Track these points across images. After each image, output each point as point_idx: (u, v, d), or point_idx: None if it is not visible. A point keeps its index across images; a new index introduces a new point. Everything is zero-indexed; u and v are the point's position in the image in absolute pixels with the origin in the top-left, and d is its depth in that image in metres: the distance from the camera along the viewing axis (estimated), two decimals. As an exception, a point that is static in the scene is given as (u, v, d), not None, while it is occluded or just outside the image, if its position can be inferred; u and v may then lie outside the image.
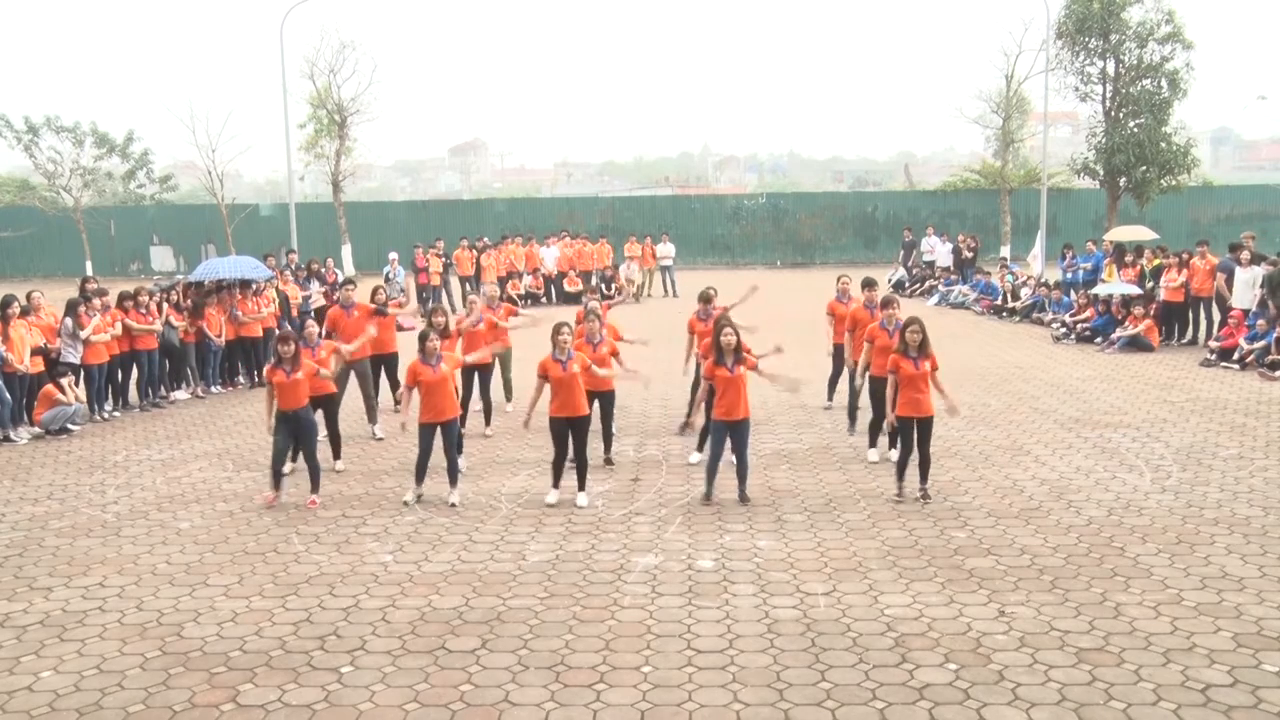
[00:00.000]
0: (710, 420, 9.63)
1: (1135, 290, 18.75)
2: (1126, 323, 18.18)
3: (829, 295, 13.38)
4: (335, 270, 21.74)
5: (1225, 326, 16.98)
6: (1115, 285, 19.40)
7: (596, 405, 10.41)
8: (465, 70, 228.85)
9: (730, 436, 9.40)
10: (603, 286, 24.55)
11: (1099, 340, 18.50)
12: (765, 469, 10.58)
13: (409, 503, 9.63)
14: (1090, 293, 19.83)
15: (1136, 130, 31.47)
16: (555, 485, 9.62)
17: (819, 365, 13.93)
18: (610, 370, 10.57)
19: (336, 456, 11.16)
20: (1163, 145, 31.28)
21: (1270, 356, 15.34)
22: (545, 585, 7.58)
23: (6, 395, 12.65)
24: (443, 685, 6.09)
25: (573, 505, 9.47)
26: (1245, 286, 16.99)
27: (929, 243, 29.11)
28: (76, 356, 13.56)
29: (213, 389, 15.82)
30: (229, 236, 34.43)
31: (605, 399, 10.83)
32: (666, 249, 29.29)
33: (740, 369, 9.30)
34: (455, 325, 12.16)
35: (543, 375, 9.52)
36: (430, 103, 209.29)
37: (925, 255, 28.88)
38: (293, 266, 21.42)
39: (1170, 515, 8.91)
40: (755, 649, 6.46)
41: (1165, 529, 8.56)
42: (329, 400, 11.05)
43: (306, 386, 9.75)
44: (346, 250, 36.32)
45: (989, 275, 24.96)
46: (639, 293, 28.33)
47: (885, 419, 9.92)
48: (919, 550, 8.16)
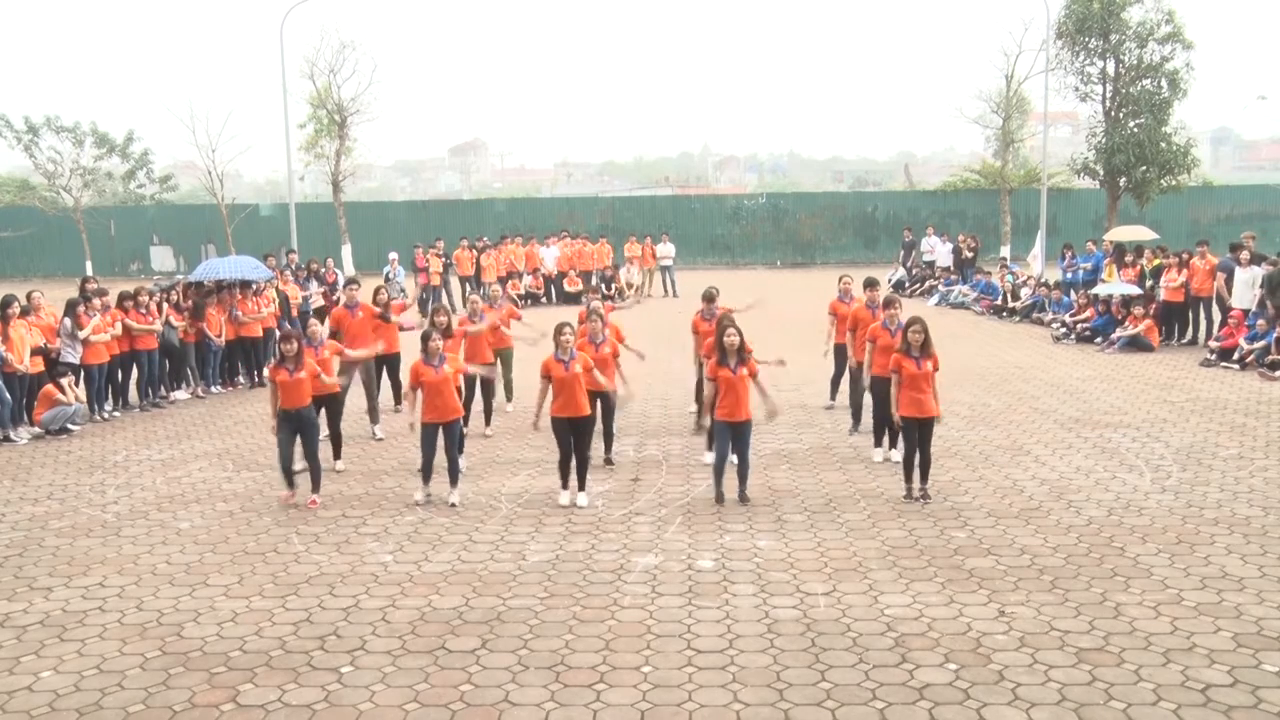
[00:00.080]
0: (714, 420, 9.64)
1: (1135, 290, 18.75)
2: (1126, 323, 18.19)
3: (829, 295, 13.39)
4: (335, 270, 21.72)
5: (1225, 326, 16.98)
6: (1115, 285, 19.41)
7: (598, 405, 10.40)
8: (465, 70, 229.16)
9: (732, 437, 9.41)
10: (603, 286, 24.55)
11: (1099, 340, 18.51)
12: (765, 469, 10.59)
13: (420, 502, 9.64)
14: (1090, 293, 19.84)
15: (1136, 130, 31.46)
16: (564, 486, 9.63)
17: (820, 365, 13.92)
18: (610, 384, 10.39)
19: (337, 456, 11.17)
20: (1163, 145, 31.27)
21: (1270, 356, 15.35)
22: (545, 585, 7.58)
23: (6, 395, 12.66)
24: (443, 685, 6.10)
25: (573, 505, 9.48)
26: (1245, 286, 17.00)
27: (929, 243, 29.12)
28: (76, 356, 13.57)
29: (213, 389, 15.82)
30: (229, 236, 34.41)
31: (606, 398, 10.82)
32: (666, 249, 29.28)
33: (743, 370, 9.29)
34: (458, 325, 12.16)
35: (546, 376, 9.52)
36: (430, 103, 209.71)
37: (925, 255, 28.89)
38: (293, 266, 21.42)
39: (1170, 515, 8.91)
40: (755, 649, 6.46)
41: (1165, 529, 8.56)
42: (332, 400, 11.04)
43: (309, 385, 9.75)
44: (346, 250, 36.30)
45: (989, 275, 24.97)
46: (638, 294, 28.32)
47: (892, 419, 9.91)
48: (919, 550, 8.17)
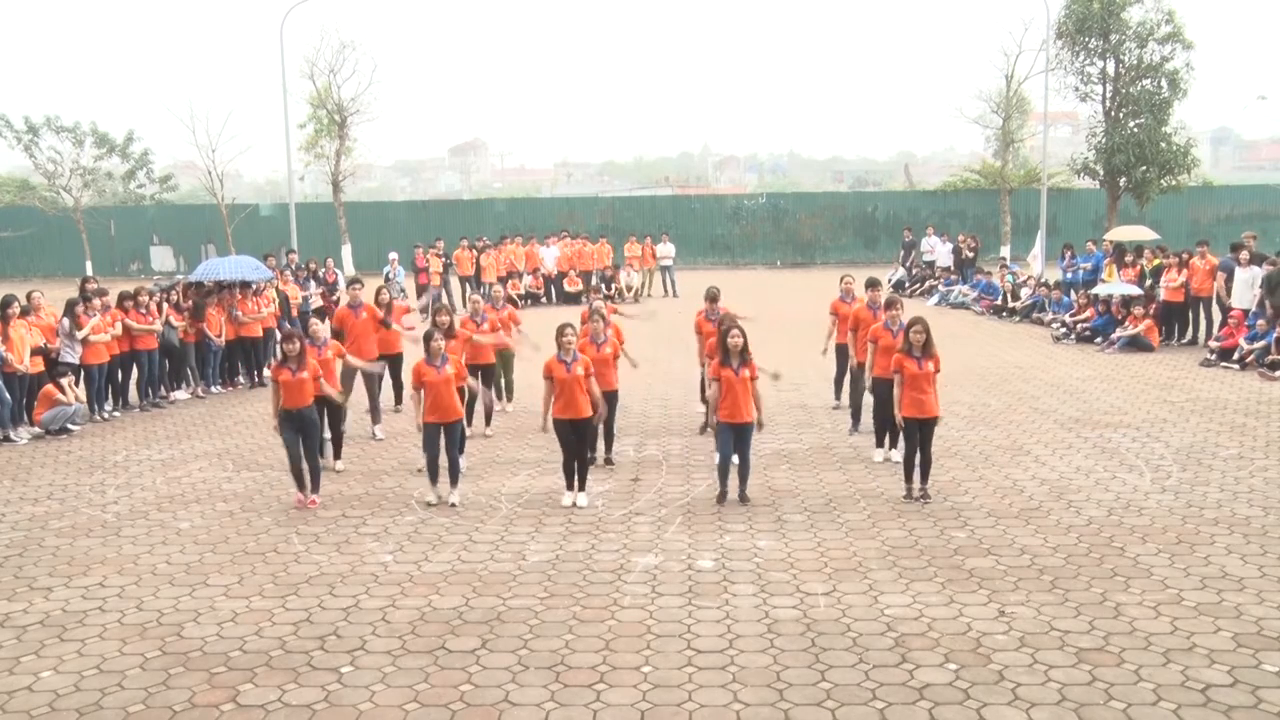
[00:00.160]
0: (716, 420, 9.64)
1: (1135, 290, 18.75)
2: (1126, 323, 18.19)
3: (829, 295, 13.39)
4: (335, 270, 21.73)
5: (1225, 326, 16.98)
6: (1115, 285, 19.40)
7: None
8: (465, 70, 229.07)
9: (734, 438, 9.40)
10: (603, 286, 24.53)
11: (1099, 340, 18.51)
12: (765, 469, 10.58)
13: (432, 503, 9.63)
14: (1090, 293, 19.84)
15: (1136, 130, 31.46)
16: (570, 487, 9.64)
17: (820, 366, 13.93)
18: (599, 399, 9.78)
19: (337, 456, 11.16)
20: (1163, 145, 31.28)
21: (1270, 356, 15.34)
22: (545, 585, 7.58)
23: (6, 395, 12.66)
24: (443, 685, 6.10)
25: (574, 505, 9.49)
26: (1245, 286, 17.00)
27: (929, 243, 29.12)
28: (75, 357, 13.56)
29: (213, 389, 15.82)
30: (229, 236, 34.42)
31: (608, 399, 10.80)
32: (666, 249, 29.29)
33: (745, 371, 9.30)
34: (460, 325, 12.15)
35: (548, 377, 9.52)
36: (430, 103, 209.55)
37: (925, 255, 28.89)
38: (293, 266, 21.42)
39: (1170, 515, 8.91)
40: (755, 649, 6.46)
41: (1165, 529, 8.56)
42: (333, 401, 11.02)
43: (311, 385, 9.75)
44: (346, 250, 36.31)
45: (989, 275, 24.96)
46: (637, 295, 28.31)
47: (893, 419, 9.92)
48: (919, 550, 8.16)
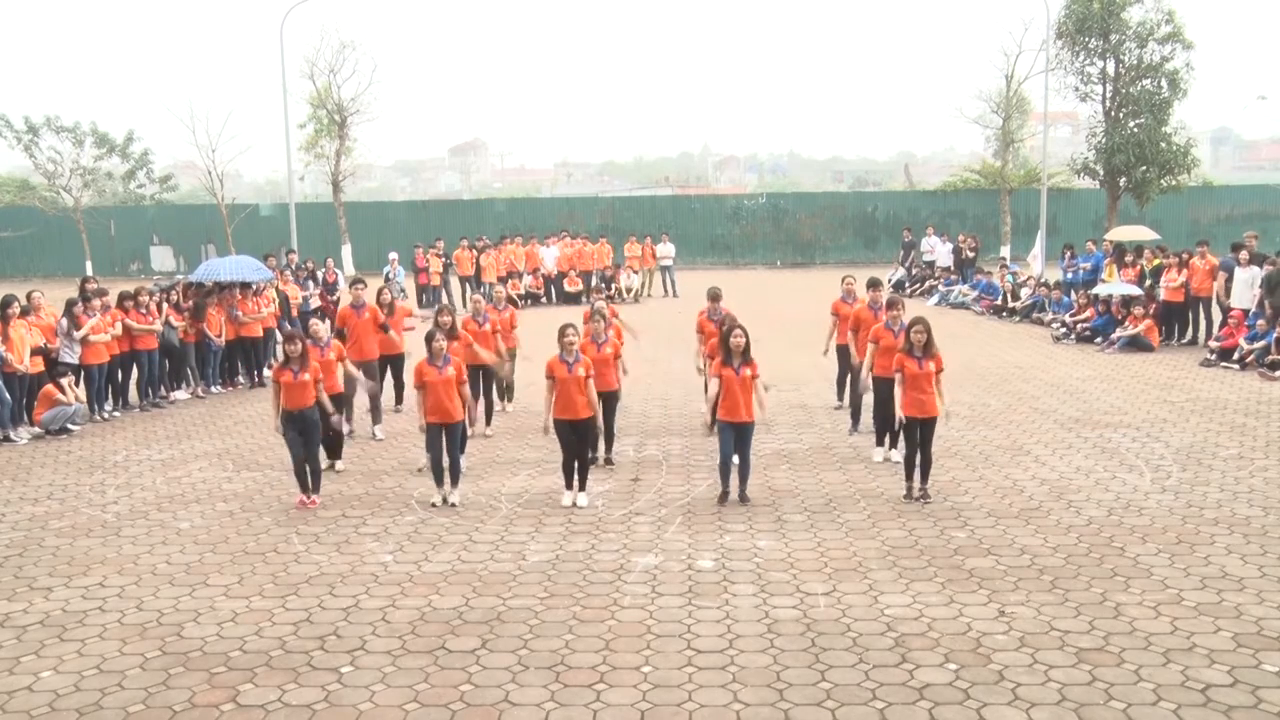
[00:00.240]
0: (716, 420, 9.65)
1: (1135, 290, 18.75)
2: (1126, 323, 18.19)
3: (829, 295, 13.39)
4: (335, 270, 21.72)
5: (1225, 326, 16.98)
6: (1115, 285, 19.40)
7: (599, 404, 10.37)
8: (465, 70, 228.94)
9: (734, 438, 9.41)
10: (604, 286, 24.53)
11: (1099, 340, 18.51)
12: (765, 469, 10.58)
13: (435, 504, 9.62)
14: (1090, 293, 19.84)
15: (1136, 130, 31.45)
16: (569, 487, 9.64)
17: (820, 366, 13.94)
18: (595, 402, 9.73)
19: (337, 456, 11.16)
20: (1163, 145, 31.26)
21: (1270, 356, 15.35)
22: (545, 585, 7.58)
23: (6, 395, 12.66)
24: (443, 685, 6.10)
25: (574, 505, 9.49)
26: (1244, 286, 17.00)
27: (929, 243, 29.12)
28: (74, 357, 13.56)
29: (213, 389, 15.83)
30: (229, 236, 34.41)
31: (608, 399, 10.82)
32: (666, 249, 29.28)
33: (746, 371, 9.30)
34: (461, 326, 12.16)
35: (550, 376, 9.52)
36: (430, 103, 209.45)
37: (925, 255, 28.89)
38: (293, 266, 21.42)
39: (1170, 515, 8.91)
40: (755, 649, 6.46)
41: (1165, 529, 8.56)
42: (336, 400, 11.03)
43: (313, 387, 9.75)
44: (346, 250, 36.32)
45: (989, 275, 24.97)
46: (637, 295, 28.30)
47: (893, 419, 9.92)
48: (919, 550, 8.17)
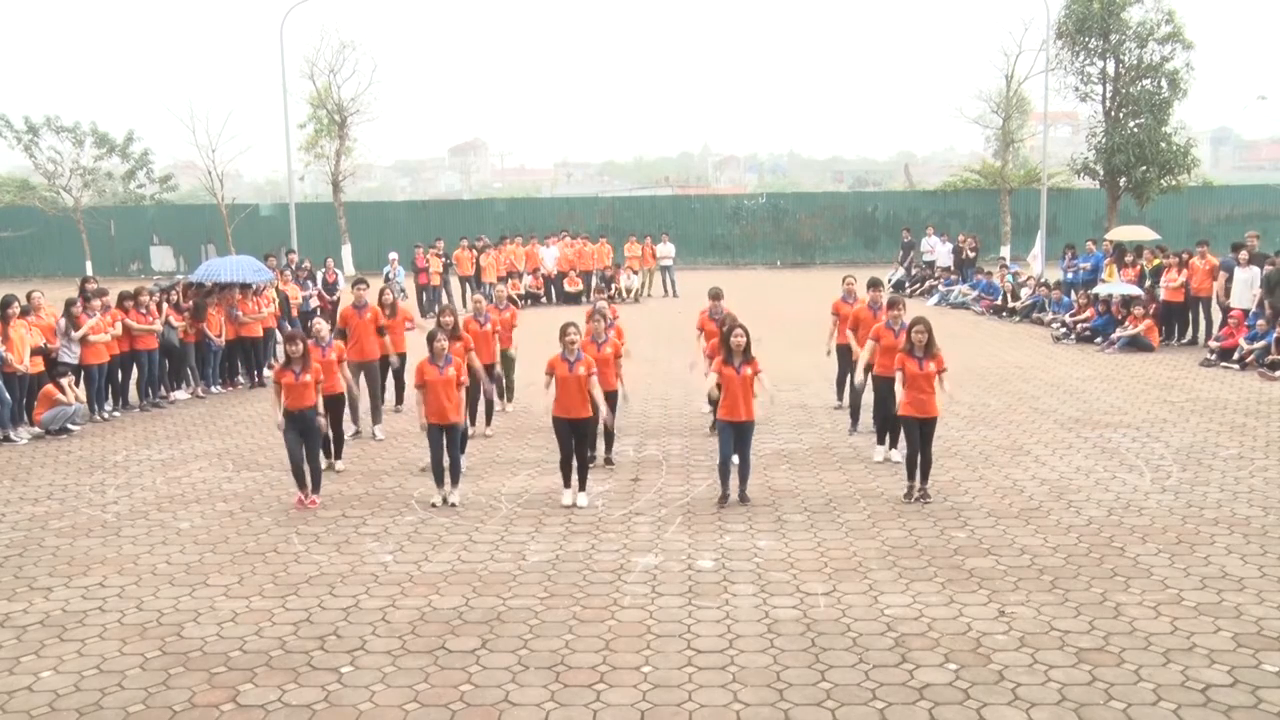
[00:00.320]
0: (716, 419, 9.65)
1: (1135, 290, 18.75)
2: (1126, 323, 18.19)
3: (829, 295, 13.40)
4: (335, 270, 21.73)
5: (1225, 326, 16.98)
6: (1115, 285, 19.40)
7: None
8: (465, 70, 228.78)
9: (734, 437, 9.41)
10: (604, 287, 24.53)
11: (1099, 340, 18.50)
12: (765, 469, 10.59)
13: (436, 505, 9.62)
14: (1090, 293, 19.83)
15: (1136, 130, 31.44)
16: (566, 485, 9.64)
17: (820, 366, 13.93)
18: (601, 401, 9.74)
19: (337, 456, 11.16)
20: (1163, 145, 31.26)
21: (1270, 356, 15.34)
22: (545, 585, 7.58)
23: (6, 395, 12.65)
24: (443, 685, 6.10)
25: (574, 505, 9.49)
26: (1244, 286, 17.00)
27: (929, 243, 29.11)
28: (73, 357, 13.56)
29: (213, 389, 15.83)
30: (229, 236, 34.40)
31: (608, 399, 10.79)
32: (666, 249, 29.28)
33: (747, 370, 9.30)
34: (463, 326, 12.16)
35: (550, 373, 9.53)
36: (430, 103, 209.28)
37: (925, 255, 28.89)
38: (293, 266, 21.41)
39: (1170, 515, 8.91)
40: (755, 649, 6.46)
41: (1165, 529, 8.56)
42: (336, 400, 11.04)
43: (314, 387, 9.75)
44: (346, 250, 36.32)
45: (989, 275, 24.96)
46: (637, 296, 28.30)
47: (893, 419, 9.92)
48: (919, 550, 8.17)
